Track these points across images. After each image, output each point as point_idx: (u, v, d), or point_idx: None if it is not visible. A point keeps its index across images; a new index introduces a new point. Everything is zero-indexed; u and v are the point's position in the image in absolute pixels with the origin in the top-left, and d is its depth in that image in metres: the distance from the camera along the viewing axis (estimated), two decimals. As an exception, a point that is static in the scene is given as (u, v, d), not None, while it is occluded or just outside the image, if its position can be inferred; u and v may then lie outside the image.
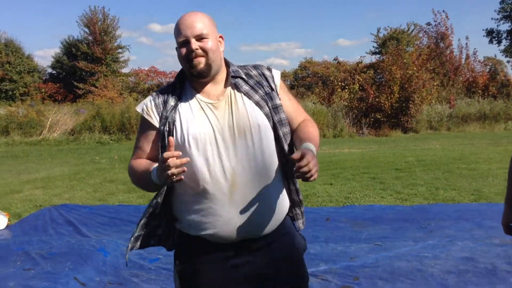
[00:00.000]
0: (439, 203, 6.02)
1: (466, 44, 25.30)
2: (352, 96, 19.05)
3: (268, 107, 1.74)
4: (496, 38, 33.79)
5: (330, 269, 3.77)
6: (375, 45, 37.81)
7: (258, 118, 1.71)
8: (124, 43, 35.53)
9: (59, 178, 8.68)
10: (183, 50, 1.68)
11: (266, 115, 1.73)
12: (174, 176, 1.48)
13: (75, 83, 31.04)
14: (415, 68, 18.19)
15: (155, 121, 1.73)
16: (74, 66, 32.97)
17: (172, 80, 1.90)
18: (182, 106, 1.73)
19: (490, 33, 33.91)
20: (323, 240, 4.56)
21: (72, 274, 3.64)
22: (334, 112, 18.48)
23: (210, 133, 1.68)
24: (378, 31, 37.62)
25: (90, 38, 33.36)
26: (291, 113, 1.85)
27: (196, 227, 1.73)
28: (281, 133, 1.76)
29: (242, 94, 1.74)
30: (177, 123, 1.69)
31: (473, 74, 23.93)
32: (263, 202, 1.71)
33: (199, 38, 1.68)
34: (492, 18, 36.17)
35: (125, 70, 35.29)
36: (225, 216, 1.68)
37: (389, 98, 18.16)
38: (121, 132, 17.34)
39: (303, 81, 38.60)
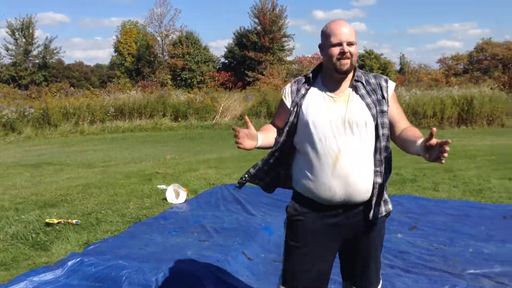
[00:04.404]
0: None
1: None
2: (540, 80, 16.73)
3: (376, 110, 2.16)
4: None
5: (507, 271, 3.44)
6: None
7: (366, 117, 2.15)
8: (288, 32, 36.51)
9: (229, 160, 9.38)
10: (336, 50, 2.11)
11: (373, 116, 2.16)
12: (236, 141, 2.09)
13: (245, 71, 32.99)
14: None
15: (288, 103, 2.26)
16: (244, 56, 34.98)
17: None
18: (310, 95, 2.22)
19: None
20: (499, 240, 4.15)
21: (240, 248, 3.93)
22: (517, 98, 16.47)
23: (326, 120, 2.14)
24: None
25: (259, 28, 34.99)
26: (395, 117, 2.24)
27: (305, 189, 2.21)
28: (380, 133, 2.17)
29: (359, 96, 2.18)
30: (303, 108, 2.19)
31: None
32: (356, 179, 2.13)
33: (349, 43, 2.11)
34: None
35: (289, 58, 36.30)
36: (327, 185, 2.13)
37: None
38: (285, 118, 17.96)
39: (479, 65, 35.18)
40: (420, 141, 2.02)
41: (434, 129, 1.91)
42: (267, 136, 2.24)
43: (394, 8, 68.19)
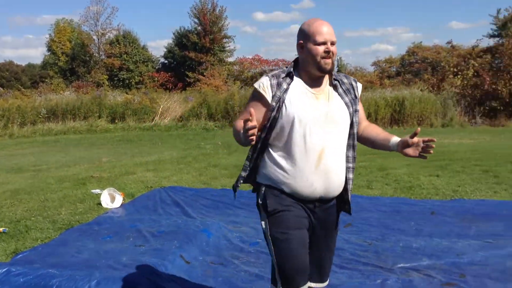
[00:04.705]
0: None
1: None
2: (465, 82, 17.79)
3: (352, 109, 2.28)
4: None
5: (434, 264, 3.61)
6: (494, 27, 34.62)
7: (345, 115, 2.25)
8: (229, 33, 36.43)
9: (168, 162, 9.24)
10: (321, 48, 2.16)
11: (350, 114, 2.27)
12: (250, 137, 1.99)
13: (185, 72, 32.61)
14: (539, 52, 16.48)
15: (269, 97, 2.19)
16: (184, 56, 34.50)
17: (275, 67, 2.31)
18: (292, 90, 2.21)
19: None
20: (427, 234, 4.36)
21: (178, 252, 3.87)
22: (444, 99, 17.42)
23: (310, 116, 2.16)
24: (498, 12, 34.29)
25: (199, 28, 34.69)
26: (361, 116, 2.40)
27: (282, 184, 2.21)
28: (354, 131, 2.30)
29: (338, 94, 2.27)
30: (287, 103, 2.18)
31: None
32: (335, 175, 2.23)
33: (332, 43, 2.18)
34: None
35: (230, 59, 36.28)
36: (310, 180, 2.18)
37: (507, 85, 16.73)
38: (225, 119, 17.96)
39: (410, 67, 36.77)
40: (394, 139, 2.27)
41: (419, 128, 2.20)
42: None
43: (332, 12, 70.07)
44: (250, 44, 67.92)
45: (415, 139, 2.18)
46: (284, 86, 2.20)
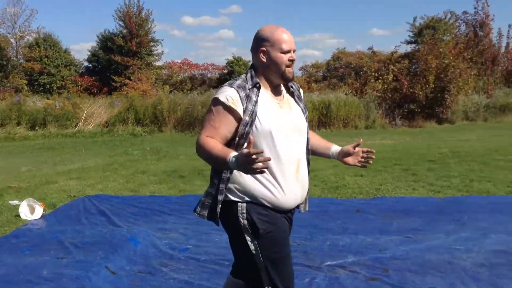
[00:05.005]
0: (473, 195, 5.87)
1: (508, 32, 24.48)
2: (385, 86, 18.69)
3: (306, 114, 2.33)
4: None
5: (358, 260, 3.74)
6: (411, 34, 36.80)
7: (303, 122, 2.27)
8: (157, 37, 35.77)
9: (93, 169, 8.88)
10: (286, 57, 2.14)
11: (306, 120, 2.31)
12: (258, 169, 1.82)
13: (111, 76, 31.60)
14: (451, 58, 17.68)
15: (240, 110, 2.07)
16: (110, 60, 33.43)
17: (205, 72, 2.26)
18: (260, 101, 2.13)
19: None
20: (352, 232, 4.52)
21: (103, 262, 3.73)
22: (367, 103, 18.19)
23: (281, 127, 2.13)
24: (414, 19, 36.59)
25: (125, 31, 33.77)
26: None
27: (266, 199, 2.13)
28: (308, 136, 2.34)
29: (294, 101, 2.29)
30: (260, 116, 2.09)
31: (513, 63, 23.10)
32: (307, 181, 2.28)
33: (294, 51, 2.18)
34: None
35: (158, 63, 35.65)
36: (292, 191, 2.17)
37: (424, 88, 17.76)
38: (154, 124, 17.59)
39: (335, 72, 38.14)
40: (334, 148, 2.42)
41: (361, 140, 2.34)
42: None
43: (260, 18, 70.77)
44: (179, 48, 66.99)
45: (356, 149, 2.33)
46: (254, 98, 2.11)
